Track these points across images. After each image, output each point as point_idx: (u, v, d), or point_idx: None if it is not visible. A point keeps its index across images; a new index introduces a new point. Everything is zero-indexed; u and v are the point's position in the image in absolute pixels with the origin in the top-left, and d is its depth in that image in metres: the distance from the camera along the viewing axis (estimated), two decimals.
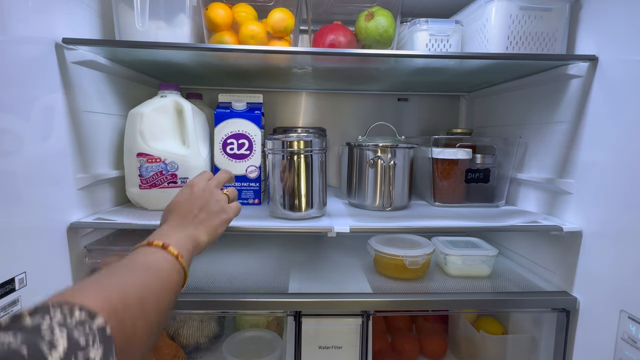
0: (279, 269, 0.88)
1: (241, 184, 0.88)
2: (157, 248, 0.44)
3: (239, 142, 0.86)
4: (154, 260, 0.42)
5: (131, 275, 0.38)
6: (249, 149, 0.86)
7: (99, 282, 0.34)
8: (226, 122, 0.85)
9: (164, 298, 0.39)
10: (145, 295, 0.36)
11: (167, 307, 0.39)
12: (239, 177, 0.87)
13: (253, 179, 0.88)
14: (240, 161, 0.86)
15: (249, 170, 0.87)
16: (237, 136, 0.85)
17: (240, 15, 0.76)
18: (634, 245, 0.60)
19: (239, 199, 0.85)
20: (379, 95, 1.22)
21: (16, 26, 0.55)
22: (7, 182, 0.54)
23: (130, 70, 0.88)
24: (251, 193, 0.88)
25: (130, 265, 0.40)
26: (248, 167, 0.86)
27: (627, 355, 0.61)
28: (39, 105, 0.60)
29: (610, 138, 0.66)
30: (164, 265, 0.42)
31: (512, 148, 0.90)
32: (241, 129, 0.85)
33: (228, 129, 0.85)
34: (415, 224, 0.75)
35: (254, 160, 0.86)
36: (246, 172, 0.87)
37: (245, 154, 0.86)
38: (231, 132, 0.85)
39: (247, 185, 0.88)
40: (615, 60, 0.65)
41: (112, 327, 0.29)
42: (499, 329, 0.92)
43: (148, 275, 0.39)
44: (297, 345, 0.73)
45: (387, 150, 0.84)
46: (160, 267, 0.42)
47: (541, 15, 0.72)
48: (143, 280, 0.38)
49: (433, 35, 0.76)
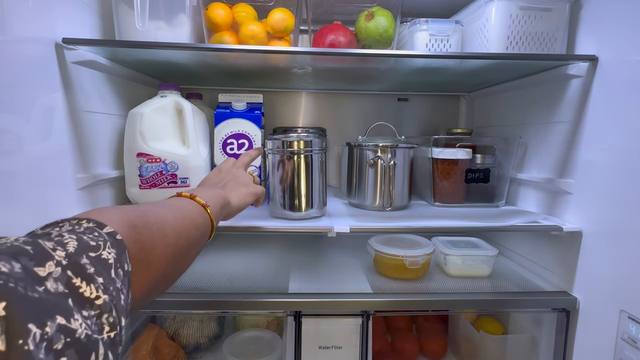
0: (279, 269, 0.88)
1: None
2: (185, 197, 0.44)
3: (239, 142, 0.85)
4: (181, 204, 0.42)
5: (154, 206, 0.38)
6: (248, 149, 0.86)
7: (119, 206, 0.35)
8: (226, 122, 0.85)
9: (187, 233, 0.39)
10: (167, 222, 0.36)
11: (190, 244, 0.39)
12: None
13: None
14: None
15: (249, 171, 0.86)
16: (237, 136, 0.85)
17: (240, 15, 0.76)
18: (634, 245, 0.60)
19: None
20: (379, 95, 1.22)
21: (16, 26, 0.55)
22: (7, 182, 0.54)
23: (130, 70, 0.88)
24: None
25: (155, 203, 0.41)
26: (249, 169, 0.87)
27: (627, 355, 0.61)
28: (39, 105, 0.60)
29: (610, 138, 0.66)
30: (189, 208, 0.42)
31: (512, 148, 0.90)
32: (241, 129, 0.85)
33: (228, 129, 0.85)
34: (415, 224, 0.75)
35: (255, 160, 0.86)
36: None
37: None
38: (231, 132, 0.85)
39: None
40: (615, 60, 0.65)
41: (126, 238, 0.29)
42: (499, 329, 0.92)
43: (171, 210, 0.39)
44: (297, 345, 0.73)
45: (387, 150, 0.84)
46: (186, 208, 0.42)
47: (541, 15, 0.72)
48: (165, 212, 0.38)
49: (433, 35, 0.76)
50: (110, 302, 0.23)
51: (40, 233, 0.25)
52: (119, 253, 0.27)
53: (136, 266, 0.30)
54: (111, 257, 0.26)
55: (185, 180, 0.79)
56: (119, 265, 0.26)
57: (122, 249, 0.28)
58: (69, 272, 0.22)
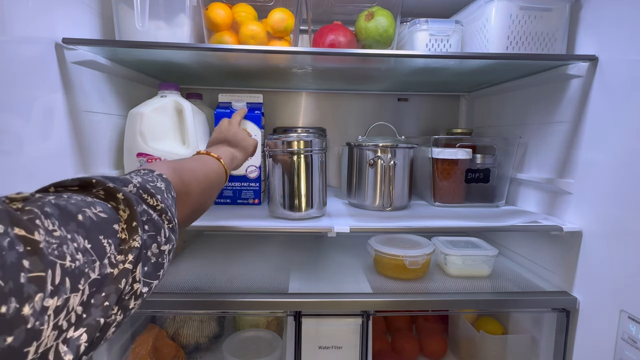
0: (279, 269, 0.88)
1: (241, 184, 0.88)
2: (202, 154, 0.58)
3: None
4: (203, 158, 0.57)
5: (186, 160, 0.53)
6: None
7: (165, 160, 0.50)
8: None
9: (210, 175, 0.53)
10: (196, 169, 0.51)
11: (212, 183, 0.54)
12: (238, 177, 0.87)
13: (253, 179, 0.88)
14: None
15: (249, 170, 0.87)
16: None
17: (240, 15, 0.76)
18: (634, 245, 0.60)
19: (238, 199, 0.89)
20: (379, 95, 1.22)
21: (16, 26, 0.55)
22: (7, 182, 0.54)
23: (130, 70, 0.88)
24: (251, 193, 0.89)
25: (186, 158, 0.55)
26: (248, 167, 0.87)
27: (627, 355, 0.61)
28: (39, 105, 0.60)
29: (610, 138, 0.66)
30: (209, 161, 0.56)
31: (512, 148, 0.90)
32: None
33: None
34: (415, 224, 0.75)
35: (253, 160, 0.86)
36: (246, 172, 0.87)
37: None
38: None
39: (247, 185, 0.88)
40: (615, 60, 0.65)
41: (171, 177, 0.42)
42: (499, 329, 0.92)
43: (198, 161, 0.54)
44: (297, 345, 0.73)
45: (387, 150, 0.84)
46: (207, 161, 0.56)
47: (541, 15, 0.72)
48: (193, 162, 0.53)
49: (433, 35, 0.76)
50: (166, 208, 0.36)
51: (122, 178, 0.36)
52: (167, 185, 0.40)
53: (179, 194, 0.43)
54: (162, 186, 0.39)
55: None
56: (168, 191, 0.39)
57: (168, 182, 0.41)
58: (140, 191, 0.35)
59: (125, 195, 0.31)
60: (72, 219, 0.25)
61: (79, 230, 0.25)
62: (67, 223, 0.24)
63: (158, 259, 0.33)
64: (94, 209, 0.28)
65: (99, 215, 0.28)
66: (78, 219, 0.26)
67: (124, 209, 0.30)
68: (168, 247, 0.35)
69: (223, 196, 0.89)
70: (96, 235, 0.26)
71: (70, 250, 0.23)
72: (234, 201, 0.89)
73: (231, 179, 0.87)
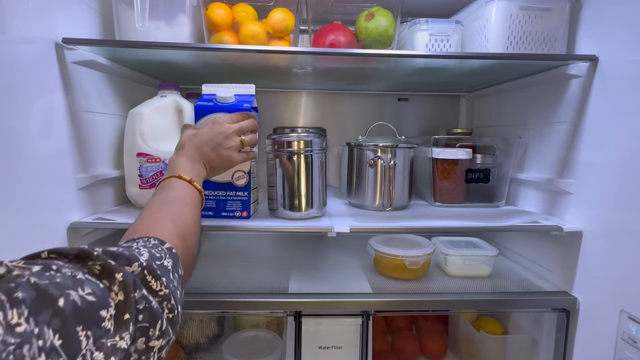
0: (279, 269, 0.88)
1: (226, 194, 0.73)
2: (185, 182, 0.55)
3: None
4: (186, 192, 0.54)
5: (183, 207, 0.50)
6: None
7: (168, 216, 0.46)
8: (208, 118, 0.70)
9: (198, 220, 0.52)
10: (191, 221, 0.49)
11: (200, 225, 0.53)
12: (223, 185, 0.72)
13: (240, 187, 0.73)
14: None
15: (236, 177, 0.72)
16: None
17: (240, 15, 0.76)
18: (634, 245, 0.60)
19: (222, 212, 0.74)
20: (379, 95, 1.22)
21: (16, 26, 0.55)
22: (7, 182, 0.54)
23: (130, 70, 0.88)
24: (238, 204, 0.73)
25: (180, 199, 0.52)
26: (234, 173, 0.72)
27: (627, 355, 0.61)
28: (39, 105, 0.60)
29: (610, 138, 0.66)
30: (194, 197, 0.54)
31: (512, 148, 0.90)
32: None
33: None
34: (415, 224, 0.75)
35: (241, 165, 0.72)
36: (232, 178, 0.72)
37: None
38: None
39: (234, 195, 0.73)
40: (615, 60, 0.65)
41: (177, 247, 0.41)
42: (499, 329, 0.92)
43: (188, 205, 0.52)
44: (297, 345, 0.73)
45: (387, 150, 0.84)
46: (192, 198, 0.54)
47: (541, 15, 0.72)
48: (188, 209, 0.51)
49: (433, 35, 0.76)
50: (170, 294, 0.34)
51: (125, 246, 0.35)
52: (175, 262, 0.38)
53: (184, 263, 0.42)
54: (169, 264, 0.37)
55: None
56: (174, 270, 0.37)
57: (176, 259, 0.39)
58: (145, 272, 0.32)
59: (125, 277, 0.28)
60: (48, 306, 0.22)
61: (52, 321, 0.22)
62: (39, 311, 0.21)
63: (141, 357, 0.29)
64: (81, 291, 0.24)
65: (86, 298, 0.24)
66: (57, 304, 0.22)
67: (118, 293, 0.27)
68: (160, 343, 0.31)
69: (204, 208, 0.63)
70: (74, 327, 0.23)
71: (33, 351, 0.20)
72: (217, 214, 0.74)
73: (214, 187, 0.72)
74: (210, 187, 0.72)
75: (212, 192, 0.73)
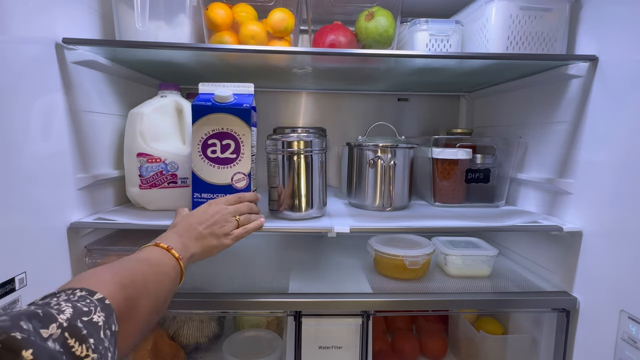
0: (279, 269, 0.88)
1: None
2: (161, 249, 0.51)
3: (223, 143, 0.70)
4: (158, 257, 0.49)
5: (137, 263, 0.45)
6: (235, 151, 0.70)
7: (111, 265, 0.41)
8: (207, 118, 0.69)
9: (163, 287, 0.46)
10: (148, 278, 0.43)
11: (165, 295, 0.46)
12: (222, 188, 0.71)
13: (240, 189, 0.71)
14: (224, 167, 0.70)
15: (236, 179, 0.71)
16: (221, 135, 0.69)
17: (240, 15, 0.76)
18: (634, 245, 0.60)
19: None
20: (379, 95, 1.22)
21: (16, 26, 0.55)
22: (7, 182, 0.54)
23: (130, 70, 0.88)
24: None
25: (138, 257, 0.47)
26: (234, 175, 0.71)
27: (627, 355, 0.61)
28: (39, 105, 0.60)
29: (610, 138, 0.66)
30: (165, 262, 0.49)
31: (512, 148, 0.90)
32: (226, 126, 0.69)
33: (209, 127, 0.69)
34: (415, 224, 0.75)
35: (241, 166, 0.70)
36: (232, 180, 0.71)
37: (230, 157, 0.70)
38: (213, 131, 0.69)
39: None
40: (615, 60, 0.65)
41: (113, 297, 0.34)
42: (499, 329, 0.92)
43: (151, 265, 0.46)
44: (297, 345, 0.73)
45: (387, 150, 0.84)
46: (162, 262, 0.49)
47: (541, 15, 0.72)
48: (147, 268, 0.45)
49: (433, 35, 0.76)
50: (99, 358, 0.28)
51: (40, 303, 0.29)
52: (108, 315, 0.32)
53: (124, 321, 0.35)
54: (100, 319, 0.31)
55: (185, 180, 0.79)
56: (107, 326, 0.31)
57: (110, 311, 0.33)
58: (66, 334, 0.27)
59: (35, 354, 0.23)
60: None
61: None
62: None
63: None
64: None
65: None
66: None
67: None
68: None
69: None
70: None
71: None
72: None
73: (214, 190, 0.71)
74: (210, 190, 0.71)
75: (212, 195, 0.71)
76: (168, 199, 0.79)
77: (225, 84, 0.74)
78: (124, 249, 0.75)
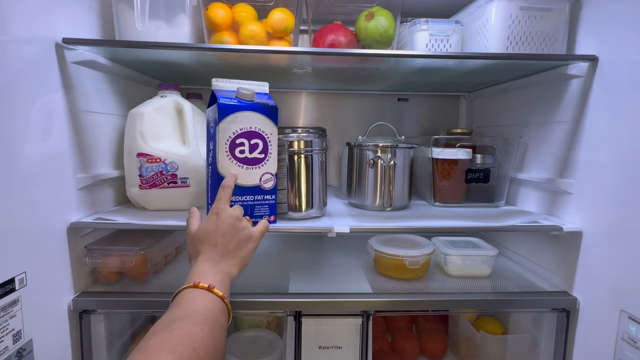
0: (279, 269, 0.88)
1: (254, 198, 0.67)
2: (204, 290, 0.49)
3: (252, 143, 0.66)
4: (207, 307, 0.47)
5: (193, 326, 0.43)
6: (263, 151, 0.67)
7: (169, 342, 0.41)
8: (234, 116, 0.64)
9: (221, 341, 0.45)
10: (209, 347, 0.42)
11: (222, 346, 0.46)
12: (251, 189, 0.67)
13: (268, 190, 0.68)
14: (253, 167, 0.66)
15: (264, 179, 0.67)
16: (249, 135, 0.65)
17: (240, 15, 0.76)
18: (634, 246, 0.60)
19: (251, 218, 0.67)
20: (379, 95, 1.22)
21: (16, 26, 0.55)
22: (7, 182, 0.54)
23: (130, 70, 0.88)
24: (266, 208, 0.68)
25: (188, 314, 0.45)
26: (263, 175, 0.67)
27: (627, 355, 0.61)
28: (39, 105, 0.60)
29: (610, 138, 0.66)
30: (215, 310, 0.47)
31: (512, 148, 0.90)
32: (254, 125, 0.65)
33: (237, 126, 0.64)
34: (415, 224, 0.75)
35: (269, 166, 0.67)
36: (260, 181, 0.67)
37: (259, 157, 0.67)
38: (242, 130, 0.65)
39: (262, 199, 0.68)
40: (615, 60, 0.65)
41: None
42: (499, 329, 0.92)
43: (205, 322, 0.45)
44: (297, 345, 0.73)
45: (387, 150, 0.84)
46: (213, 312, 0.47)
47: (541, 15, 0.72)
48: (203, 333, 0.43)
49: (433, 35, 0.76)
50: None
51: None
52: None
53: None
54: None
55: (186, 181, 0.79)
56: None
57: None
58: None
59: None
60: None
61: None
62: None
63: None
64: None
65: None
66: None
67: None
68: None
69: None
70: None
71: None
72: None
73: (242, 192, 0.66)
74: (237, 192, 0.65)
75: (240, 198, 0.66)
76: (168, 199, 0.79)
77: (238, 81, 0.69)
78: (124, 249, 0.75)
